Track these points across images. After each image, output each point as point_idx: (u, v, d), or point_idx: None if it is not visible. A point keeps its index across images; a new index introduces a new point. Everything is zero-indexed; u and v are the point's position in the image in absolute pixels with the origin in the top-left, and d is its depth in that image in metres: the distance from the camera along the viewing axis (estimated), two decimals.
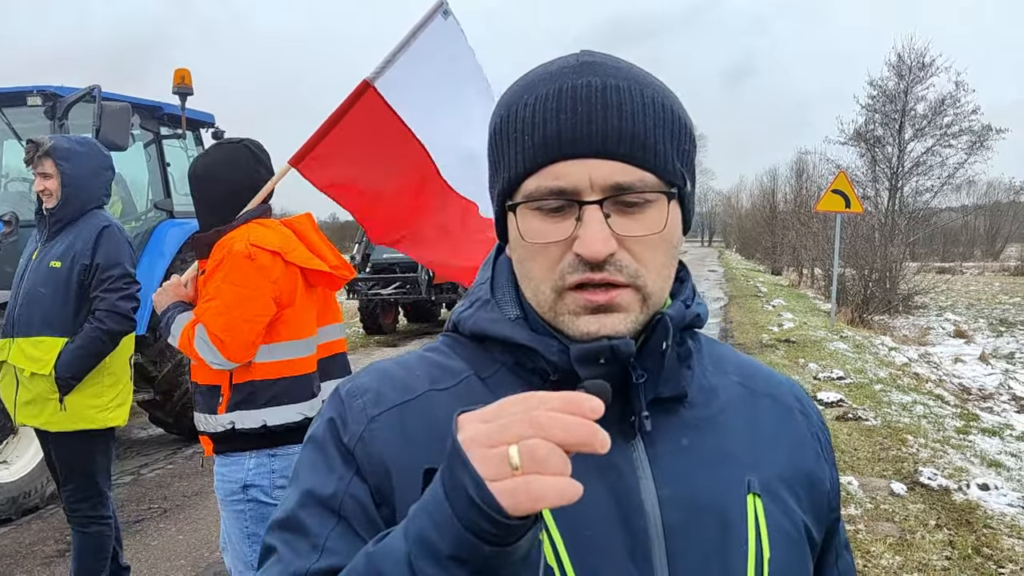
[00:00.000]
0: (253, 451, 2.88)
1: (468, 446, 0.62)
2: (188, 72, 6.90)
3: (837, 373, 10.72)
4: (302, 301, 2.92)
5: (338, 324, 3.20)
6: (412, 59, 3.15)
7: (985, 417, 9.11)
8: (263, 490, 2.89)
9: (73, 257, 3.53)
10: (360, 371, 0.94)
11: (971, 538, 5.12)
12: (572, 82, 0.83)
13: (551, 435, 0.60)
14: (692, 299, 0.93)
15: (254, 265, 2.76)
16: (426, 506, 0.65)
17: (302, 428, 2.90)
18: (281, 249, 2.84)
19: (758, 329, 16.27)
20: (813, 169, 38.89)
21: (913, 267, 23.72)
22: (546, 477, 0.59)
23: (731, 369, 0.99)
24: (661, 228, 0.83)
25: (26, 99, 6.31)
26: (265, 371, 2.85)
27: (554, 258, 0.83)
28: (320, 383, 3.00)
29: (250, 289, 2.76)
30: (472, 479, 0.60)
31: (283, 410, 2.85)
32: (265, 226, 2.90)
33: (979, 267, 53.18)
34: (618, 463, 0.84)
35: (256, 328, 2.77)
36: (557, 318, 0.85)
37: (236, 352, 2.76)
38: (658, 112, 0.84)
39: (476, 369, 0.91)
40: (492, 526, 0.60)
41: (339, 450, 0.85)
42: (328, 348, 3.09)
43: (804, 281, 32.36)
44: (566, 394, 0.62)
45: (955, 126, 24.32)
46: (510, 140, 0.85)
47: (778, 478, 0.91)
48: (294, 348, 2.90)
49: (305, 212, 3.14)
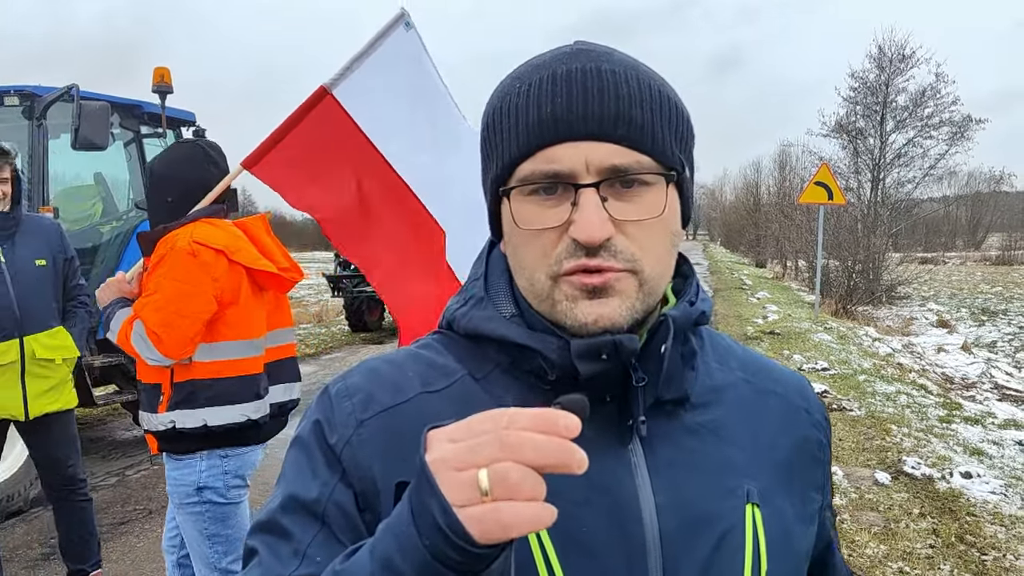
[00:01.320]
0: (204, 452, 2.87)
1: (436, 468, 0.58)
2: (168, 71, 6.83)
3: (821, 364, 10.80)
4: (247, 301, 2.89)
5: (289, 328, 3.19)
6: (372, 69, 3.13)
7: (968, 406, 9.19)
8: (217, 491, 2.88)
9: (53, 254, 3.96)
10: (350, 370, 0.90)
11: (954, 526, 5.17)
12: (567, 66, 0.81)
13: (523, 457, 0.56)
14: (696, 296, 0.90)
15: (196, 262, 2.74)
16: (392, 527, 0.62)
17: (247, 429, 2.90)
18: (226, 248, 2.81)
19: (743, 322, 16.34)
20: (796, 161, 39.22)
21: (896, 258, 23.93)
22: (518, 503, 0.55)
23: (736, 364, 0.96)
24: (660, 212, 0.81)
25: (3, 99, 6.24)
26: (206, 370, 2.83)
27: (549, 244, 0.80)
28: (268, 386, 2.99)
29: (190, 285, 2.74)
30: (439, 504, 0.56)
31: (224, 410, 2.83)
32: (214, 225, 2.88)
33: (961, 257, 53.66)
34: (615, 468, 0.81)
35: (194, 325, 2.75)
36: (554, 307, 0.81)
37: (172, 348, 2.73)
38: (655, 97, 0.82)
39: (470, 369, 0.87)
40: (458, 554, 0.56)
41: (324, 453, 0.82)
42: (278, 352, 3.09)
43: (788, 273, 32.55)
44: (538, 412, 0.58)
45: (935, 117, 24.54)
46: (503, 127, 0.83)
47: (778, 485, 0.89)
48: (237, 348, 2.87)
49: (260, 214, 3.12)
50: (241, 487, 2.97)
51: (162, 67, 6.79)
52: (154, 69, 6.80)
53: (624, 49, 0.87)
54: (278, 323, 3.10)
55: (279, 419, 3.11)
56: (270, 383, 3.01)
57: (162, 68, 6.78)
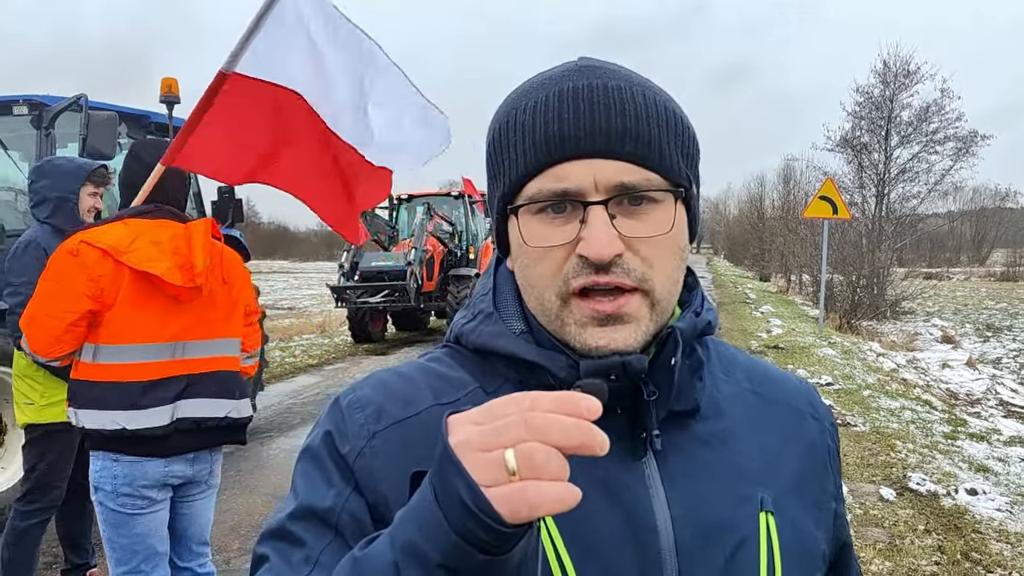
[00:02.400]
0: (100, 452, 2.83)
1: (461, 450, 0.59)
2: (175, 81, 6.86)
3: (826, 379, 10.77)
4: (134, 305, 2.78)
5: (232, 339, 3.07)
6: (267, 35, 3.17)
7: (973, 422, 9.15)
8: (107, 495, 2.82)
9: None
10: (360, 381, 0.90)
11: (960, 543, 5.13)
12: (573, 83, 0.81)
13: (548, 438, 0.57)
14: (702, 307, 0.91)
15: (75, 261, 2.73)
16: (414, 512, 0.62)
17: (124, 439, 2.77)
18: (113, 248, 2.74)
19: (747, 335, 16.31)
20: (800, 175, 39.23)
21: (900, 273, 23.87)
22: (544, 483, 0.56)
23: (742, 375, 0.96)
24: (668, 228, 0.81)
25: (12, 108, 6.27)
26: (86, 372, 2.81)
27: (558, 262, 0.80)
28: (181, 399, 2.85)
29: (59, 284, 2.73)
30: (467, 485, 0.57)
31: (96, 414, 2.77)
32: (125, 225, 2.84)
33: (966, 272, 53.56)
34: (629, 481, 0.82)
35: (60, 324, 2.71)
36: (563, 328, 0.82)
37: (40, 346, 2.74)
38: (661, 113, 0.82)
39: (481, 383, 0.88)
40: (487, 534, 0.57)
41: (337, 464, 0.83)
42: (205, 364, 2.95)
43: (792, 287, 32.50)
44: (561, 394, 0.59)
45: (940, 133, 24.51)
46: (510, 144, 0.83)
47: (791, 492, 0.89)
48: (115, 353, 2.79)
49: (207, 218, 3.07)
50: (134, 497, 2.83)
51: (170, 77, 6.83)
52: (162, 79, 6.83)
53: (624, 62, 0.88)
54: (216, 333, 2.99)
55: (196, 435, 2.92)
56: (190, 395, 2.88)
57: (170, 78, 6.81)
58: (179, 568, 3.14)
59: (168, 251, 2.83)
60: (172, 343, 2.86)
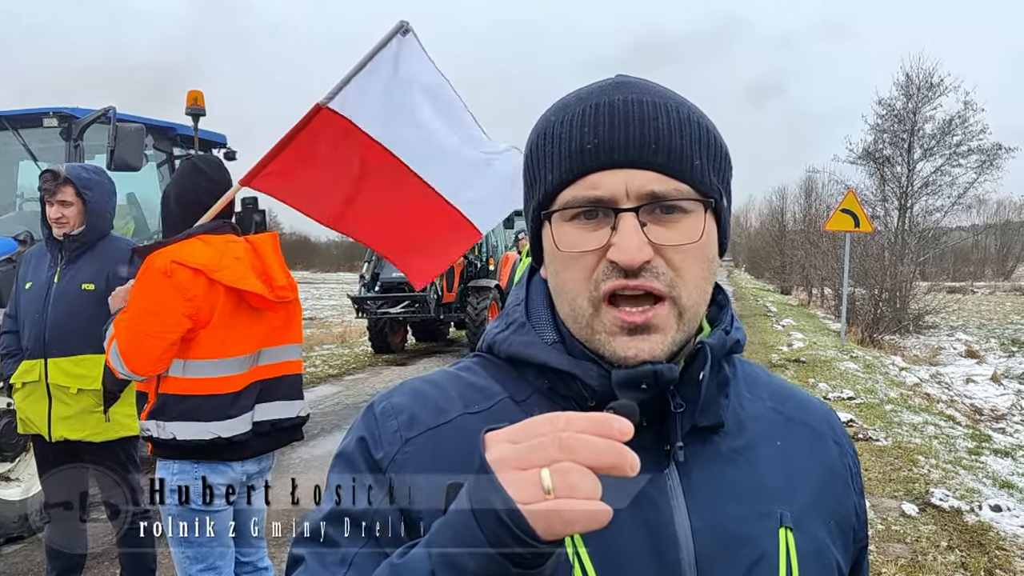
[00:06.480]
0: (178, 460, 2.91)
1: (498, 467, 0.61)
2: (201, 94, 6.96)
3: (847, 393, 10.67)
4: (226, 321, 2.89)
5: (295, 345, 3.19)
6: (369, 76, 3.21)
7: (997, 438, 9.04)
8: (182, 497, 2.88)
9: (107, 279, 3.66)
10: (393, 389, 0.93)
11: (983, 560, 5.07)
12: (609, 98, 0.84)
13: (581, 458, 0.59)
14: (731, 325, 0.93)
15: (170, 282, 2.77)
16: (452, 524, 0.64)
17: (220, 447, 2.89)
18: (206, 267, 2.82)
19: (768, 349, 16.20)
20: (822, 188, 38.88)
21: (923, 287, 23.63)
22: (578, 501, 0.59)
23: (765, 394, 0.98)
24: (698, 237, 0.83)
25: (42, 120, 6.39)
26: (177, 386, 2.87)
27: (589, 267, 0.83)
28: (251, 404, 2.98)
29: (158, 304, 2.77)
30: (504, 501, 0.60)
31: (192, 426, 2.85)
32: (205, 242, 2.90)
33: (990, 287, 52.82)
34: (651, 492, 0.83)
35: (161, 344, 2.77)
36: (593, 337, 0.84)
37: (139, 365, 2.78)
38: (694, 128, 0.85)
39: (511, 392, 0.90)
40: (523, 549, 0.60)
41: (371, 468, 0.85)
42: (278, 369, 3.10)
43: (814, 301, 32.24)
44: (594, 416, 0.62)
45: (964, 145, 24.31)
46: (546, 154, 0.86)
47: (810, 510, 0.91)
48: (207, 367, 2.88)
49: (271, 232, 3.15)
50: (211, 497, 2.89)
51: (196, 90, 6.93)
52: (188, 92, 6.93)
53: (656, 78, 0.90)
54: (283, 339, 3.11)
55: (273, 436, 3.08)
56: (266, 399, 3.03)
57: (196, 91, 6.91)
58: (241, 563, 3.25)
59: (247, 266, 2.95)
60: (253, 353, 3.00)
